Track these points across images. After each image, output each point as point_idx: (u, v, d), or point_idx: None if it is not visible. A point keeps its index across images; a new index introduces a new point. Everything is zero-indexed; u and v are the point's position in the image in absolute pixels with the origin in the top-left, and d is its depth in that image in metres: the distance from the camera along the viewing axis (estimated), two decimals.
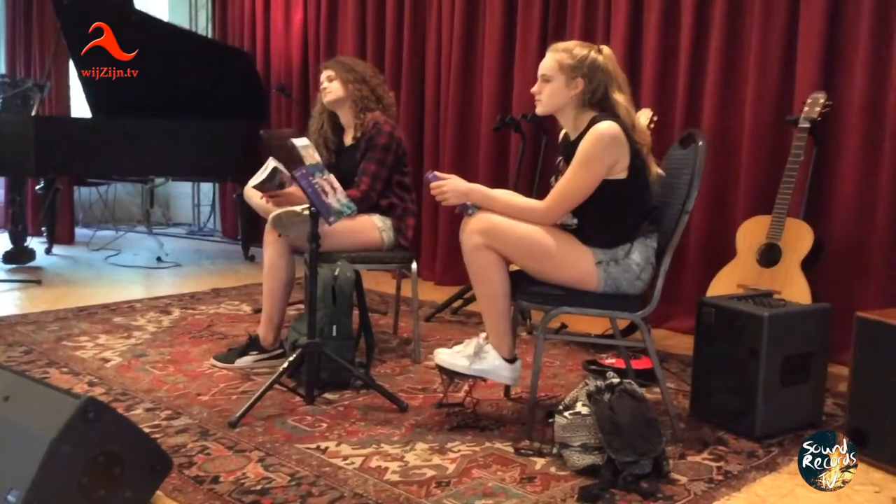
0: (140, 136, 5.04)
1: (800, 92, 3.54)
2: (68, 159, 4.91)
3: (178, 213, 7.90)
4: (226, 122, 5.46)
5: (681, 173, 2.62)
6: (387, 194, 3.38)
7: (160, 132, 5.18)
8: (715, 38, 3.82)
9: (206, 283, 4.90)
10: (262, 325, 3.24)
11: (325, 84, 3.42)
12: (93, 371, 3.13)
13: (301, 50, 5.97)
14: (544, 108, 2.64)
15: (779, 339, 2.59)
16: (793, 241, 3.22)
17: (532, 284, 2.59)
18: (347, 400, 2.88)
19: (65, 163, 4.93)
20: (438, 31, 5.03)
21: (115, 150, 5.00)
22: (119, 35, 5.22)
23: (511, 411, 2.84)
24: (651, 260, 2.59)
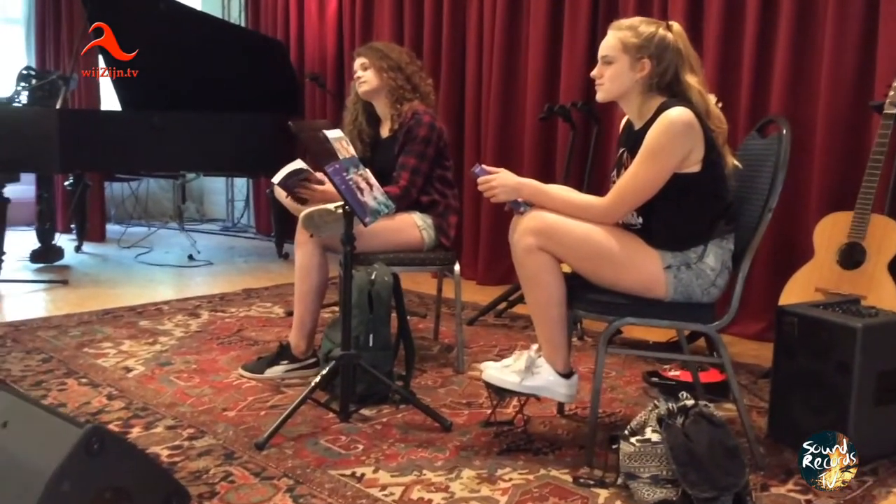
0: (169, 130, 4.82)
1: (881, 75, 3.21)
2: (94, 154, 4.71)
3: (213, 208, 7.72)
4: (258, 115, 5.24)
5: (761, 165, 2.32)
6: (428, 190, 3.12)
7: (190, 125, 4.97)
8: (784, 14, 3.49)
9: (238, 283, 4.69)
10: (294, 332, 3.00)
11: (358, 73, 3.16)
12: (113, 382, 2.91)
13: (336, 38, 5.74)
14: (606, 94, 2.35)
15: (873, 352, 2.28)
16: (878, 241, 2.89)
17: (591, 291, 2.30)
18: (385, 417, 2.63)
19: (91, 158, 4.73)
20: (480, 15, 4.74)
21: (143, 143, 4.79)
22: (146, 25, 5.02)
23: (566, 431, 2.56)
24: (727, 264, 2.29)
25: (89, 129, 4.70)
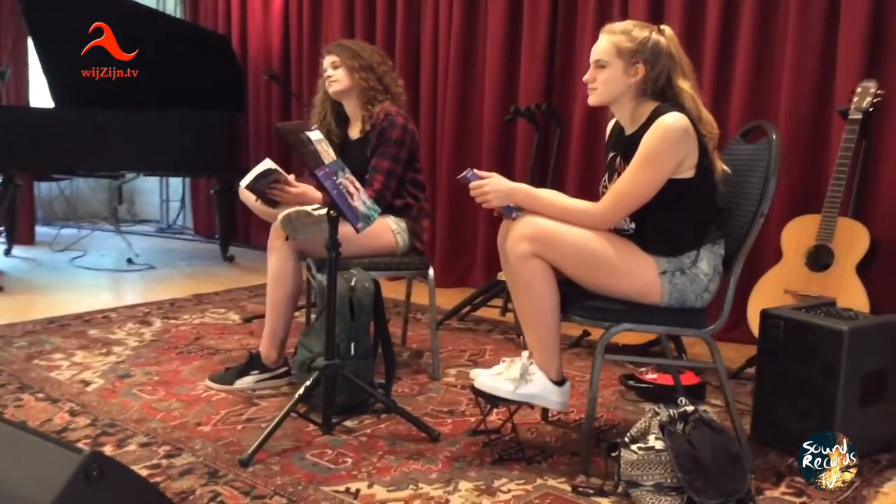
0: (112, 128, 4.62)
1: (841, 79, 3.29)
2: (32, 154, 4.48)
3: (145, 208, 7.45)
4: (203, 113, 5.06)
5: (750, 171, 2.33)
6: (401, 193, 3.05)
7: (134, 124, 4.76)
8: (746, 19, 3.54)
9: (185, 288, 4.51)
10: (265, 341, 2.89)
11: (328, 71, 3.06)
12: (73, 396, 2.75)
13: (282, 34, 5.58)
14: (599, 98, 2.32)
15: (858, 355, 2.32)
16: (846, 243, 2.96)
17: (587, 298, 2.28)
18: (369, 427, 2.55)
19: (28, 157, 4.49)
20: (435, 14, 4.67)
21: (85, 142, 4.57)
22: (83, 17, 4.79)
23: (554, 438, 2.53)
24: (719, 269, 2.29)
25: (26, 128, 4.46)
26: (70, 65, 4.81)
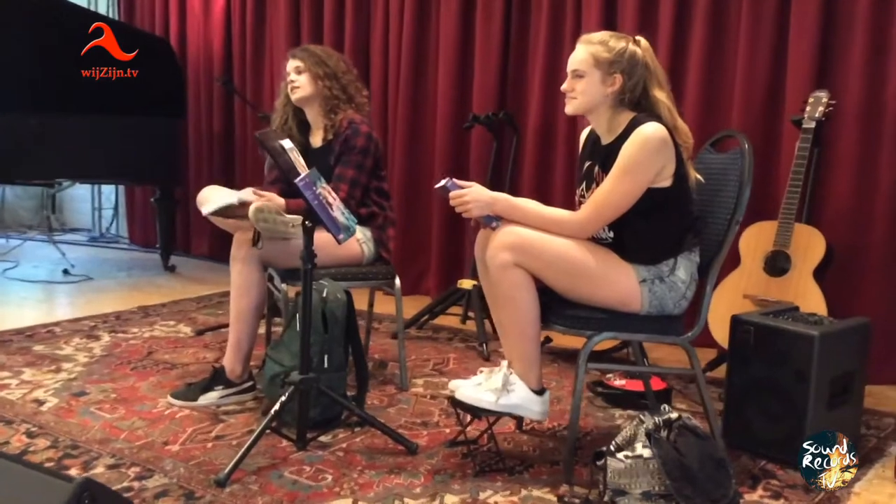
0: (49, 135, 4.43)
1: (791, 87, 3.38)
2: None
3: (75, 217, 7.17)
4: (145, 119, 4.90)
5: (723, 179, 2.38)
6: (366, 202, 3.00)
7: (71, 129, 4.58)
8: (697, 28, 3.60)
9: (129, 300, 4.35)
10: (229, 354, 2.81)
11: (292, 76, 3.00)
12: (28, 417, 2.62)
13: (223, 38, 5.45)
14: (576, 108, 2.33)
15: (828, 359, 2.38)
16: (803, 249, 3.04)
17: (567, 307, 2.28)
18: (344, 442, 2.50)
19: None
20: (386, 20, 4.63)
21: (20, 150, 4.37)
22: (10, 18, 4.59)
23: (532, 447, 2.53)
24: (695, 276, 2.33)
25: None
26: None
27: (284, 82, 3.05)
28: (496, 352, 3.53)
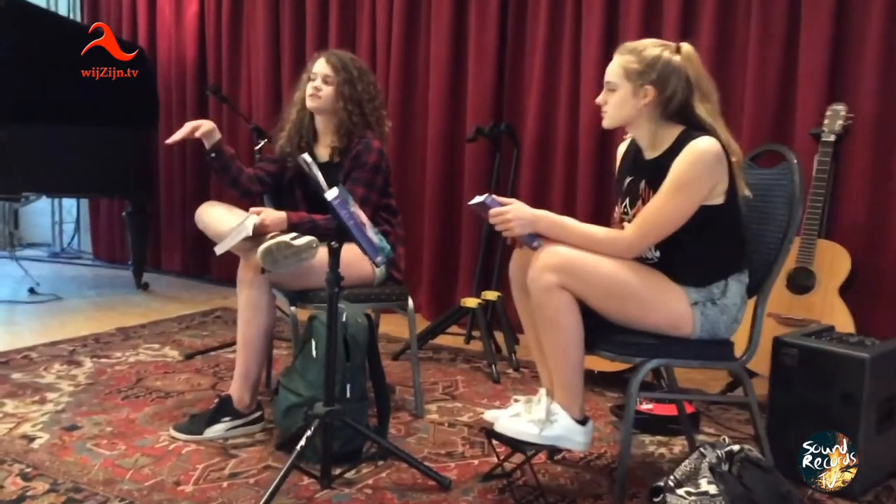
0: (16, 146, 4.16)
1: (802, 100, 3.31)
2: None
3: (33, 231, 6.83)
4: (117, 129, 4.66)
5: (770, 196, 2.27)
6: (377, 221, 2.83)
7: (40, 141, 4.31)
8: (704, 38, 3.52)
9: (105, 321, 4.11)
10: (237, 383, 2.62)
11: (317, 81, 2.79)
12: (19, 455, 2.39)
13: (197, 45, 5.23)
14: (611, 122, 2.21)
15: (878, 382, 2.29)
16: (828, 266, 2.96)
17: (616, 332, 2.15)
18: (370, 478, 2.32)
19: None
20: (372, 30, 4.47)
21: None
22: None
23: (569, 479, 2.38)
24: (745, 298, 2.22)
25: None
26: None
27: (304, 79, 2.84)
28: (504, 373, 3.40)
